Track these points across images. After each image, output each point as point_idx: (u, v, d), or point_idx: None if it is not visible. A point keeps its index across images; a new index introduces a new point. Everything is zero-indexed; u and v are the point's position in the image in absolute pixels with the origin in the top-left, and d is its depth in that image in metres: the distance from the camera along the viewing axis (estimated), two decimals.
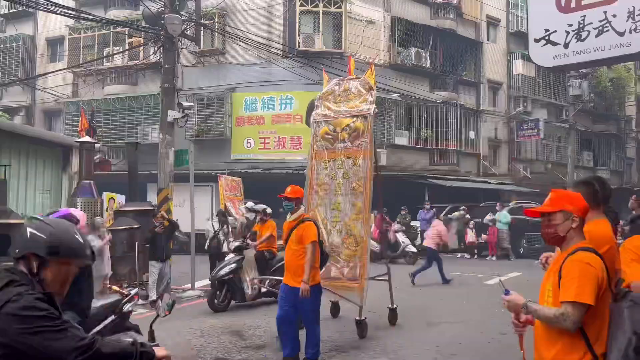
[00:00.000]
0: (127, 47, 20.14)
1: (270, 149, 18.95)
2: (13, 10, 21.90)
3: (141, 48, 18.90)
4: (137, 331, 4.31)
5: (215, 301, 8.85)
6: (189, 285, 10.87)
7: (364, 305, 6.75)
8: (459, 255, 16.94)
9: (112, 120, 20.30)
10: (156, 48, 12.58)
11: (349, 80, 7.78)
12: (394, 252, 14.43)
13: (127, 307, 4.29)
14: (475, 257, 16.59)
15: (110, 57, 20.14)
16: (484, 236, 16.55)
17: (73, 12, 16.48)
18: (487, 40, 24.25)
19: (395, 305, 7.46)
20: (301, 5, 18.61)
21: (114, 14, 20.41)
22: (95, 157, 11.06)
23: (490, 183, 21.47)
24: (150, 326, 3.61)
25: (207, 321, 8.06)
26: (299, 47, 18.56)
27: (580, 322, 2.33)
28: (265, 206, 10.09)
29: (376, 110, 7.37)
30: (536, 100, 25.28)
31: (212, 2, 18.78)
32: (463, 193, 19.77)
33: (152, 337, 3.53)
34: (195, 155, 12.35)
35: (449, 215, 17.94)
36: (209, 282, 9.64)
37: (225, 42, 19.11)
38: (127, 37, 20.18)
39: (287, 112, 18.93)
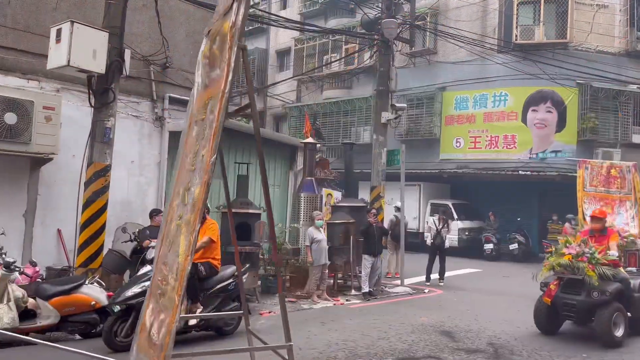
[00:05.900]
0: (343, 54, 21.54)
1: (481, 148, 18.24)
2: (250, 28, 25.24)
3: (356, 54, 20.01)
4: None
5: (115, 335, 5.73)
6: (399, 282, 11.17)
7: None
8: None
9: (329, 122, 21.97)
10: (372, 52, 13.19)
11: None
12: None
13: None
14: None
15: (329, 64, 21.80)
16: None
17: (299, 25, 18.36)
18: None
19: None
20: None
21: (333, 23, 22.03)
22: (316, 156, 12.09)
23: None
24: None
25: None
26: (516, 40, 17.46)
27: None
28: None
29: None
30: None
31: (424, 3, 18.90)
32: None
33: None
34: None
35: None
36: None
37: (436, 42, 19.06)
38: (343, 44, 21.58)
39: (500, 109, 17.99)
